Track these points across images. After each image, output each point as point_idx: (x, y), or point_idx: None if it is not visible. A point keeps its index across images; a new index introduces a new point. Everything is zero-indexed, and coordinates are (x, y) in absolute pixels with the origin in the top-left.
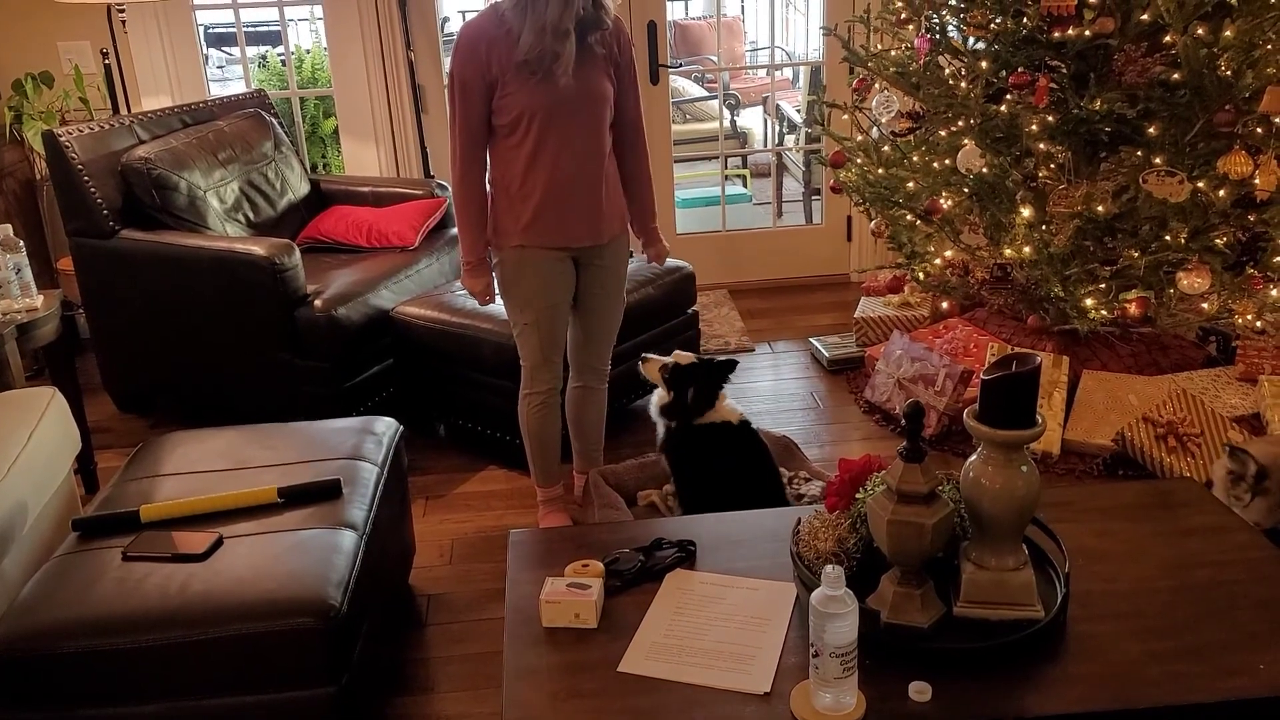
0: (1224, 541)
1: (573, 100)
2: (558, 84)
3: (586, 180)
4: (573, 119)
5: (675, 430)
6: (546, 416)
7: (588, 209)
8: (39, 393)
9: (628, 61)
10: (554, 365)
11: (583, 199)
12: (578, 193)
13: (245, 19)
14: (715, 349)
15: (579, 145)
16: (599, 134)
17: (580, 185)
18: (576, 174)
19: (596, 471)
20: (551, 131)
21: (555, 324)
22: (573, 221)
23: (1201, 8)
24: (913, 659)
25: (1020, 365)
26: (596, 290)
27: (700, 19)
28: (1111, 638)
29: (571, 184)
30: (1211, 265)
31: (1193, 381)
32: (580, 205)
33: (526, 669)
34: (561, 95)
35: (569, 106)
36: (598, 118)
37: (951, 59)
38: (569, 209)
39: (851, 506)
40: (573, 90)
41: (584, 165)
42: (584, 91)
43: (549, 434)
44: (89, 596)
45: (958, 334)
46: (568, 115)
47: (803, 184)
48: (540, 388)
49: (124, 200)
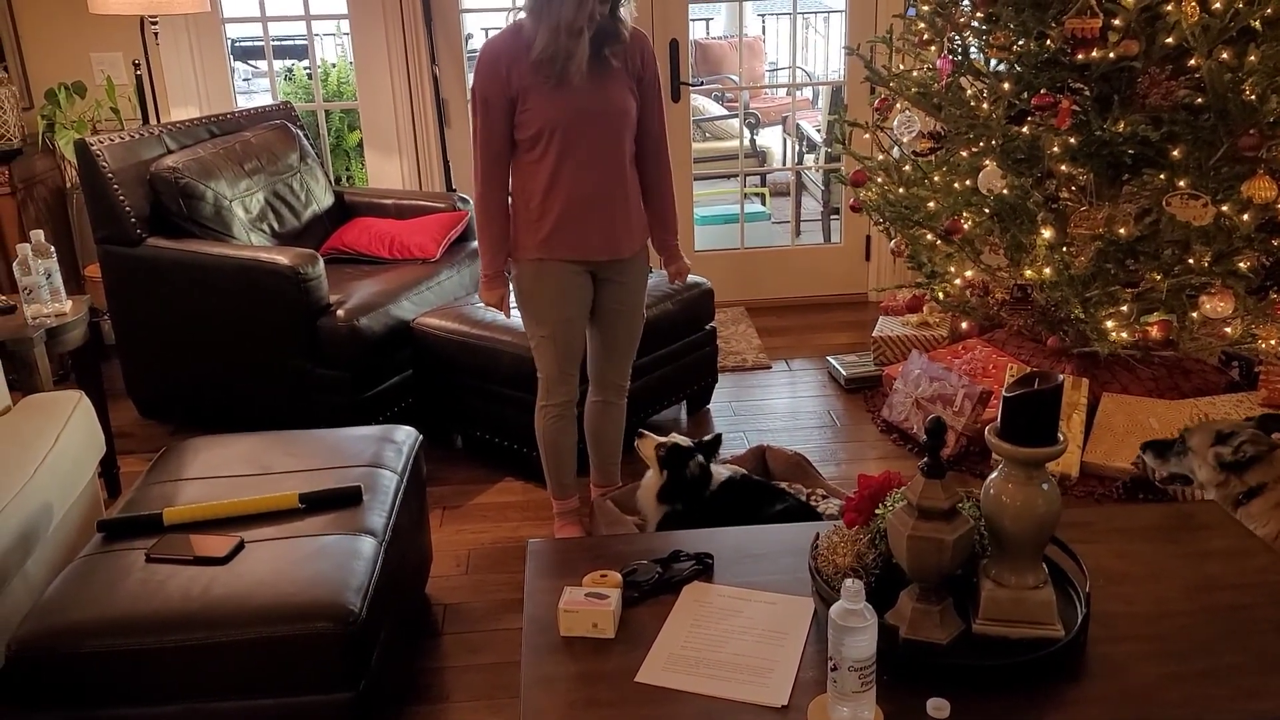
0: (1245, 565)
1: (592, 115)
2: (576, 96)
3: (606, 195)
4: (592, 133)
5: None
6: (562, 429)
7: (606, 224)
8: (66, 396)
9: (651, 76)
10: (569, 378)
11: (602, 214)
12: (597, 207)
13: (273, 33)
14: (732, 365)
15: (599, 160)
16: (619, 148)
17: (599, 200)
18: (596, 189)
19: (604, 498)
20: (571, 146)
21: (571, 337)
22: (591, 236)
23: (1226, 32)
24: (931, 675)
25: (1042, 383)
26: (615, 305)
27: (722, 39)
28: (1131, 659)
29: (591, 199)
30: (1235, 289)
31: (1215, 406)
32: (599, 220)
33: (544, 677)
34: (581, 109)
35: (588, 121)
36: (618, 132)
37: (974, 80)
38: (588, 223)
39: (871, 522)
40: (592, 104)
41: (603, 180)
42: (603, 106)
43: (564, 446)
44: (112, 597)
45: (977, 354)
46: (587, 130)
47: (821, 203)
48: (556, 400)
49: (152, 209)
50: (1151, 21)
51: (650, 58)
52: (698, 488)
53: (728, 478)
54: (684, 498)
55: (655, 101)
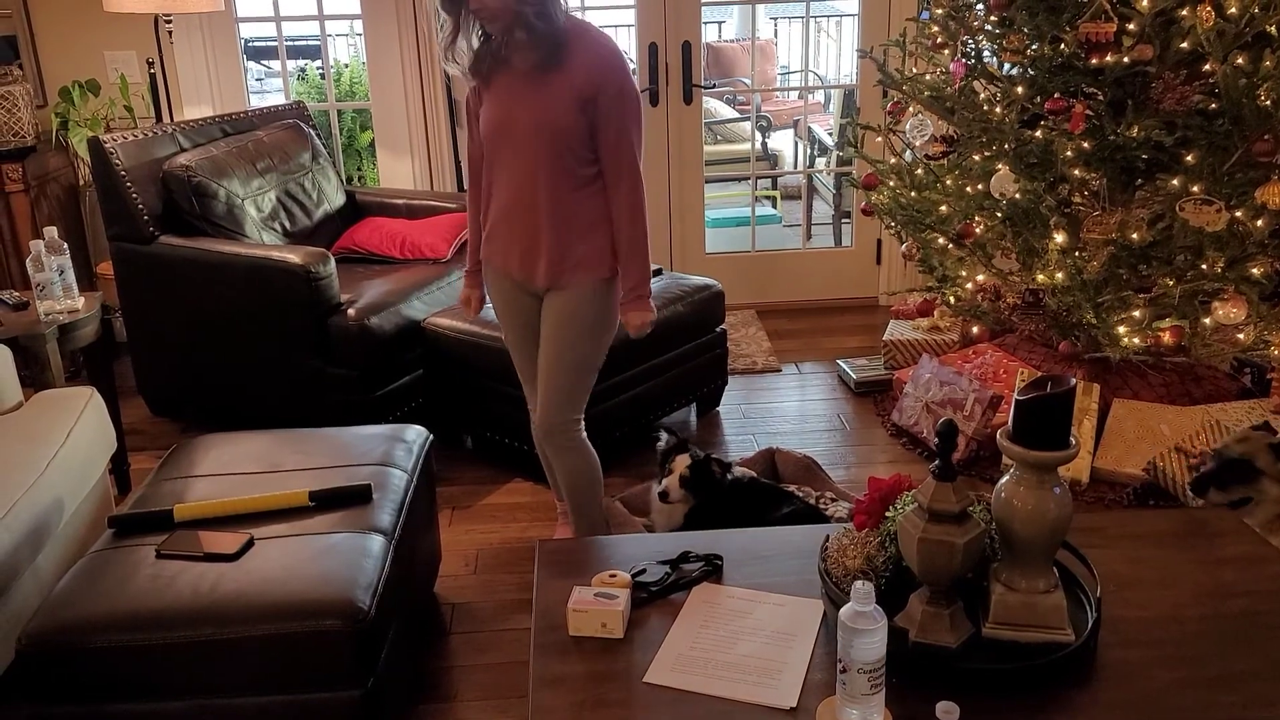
0: (1258, 571)
1: (508, 126)
2: (500, 105)
3: (517, 215)
4: (508, 147)
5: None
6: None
7: (521, 246)
8: (78, 392)
9: (610, 99)
10: (534, 396)
11: (518, 233)
12: (514, 225)
13: (286, 32)
14: (742, 368)
15: (513, 176)
16: (538, 167)
17: (511, 219)
18: (509, 206)
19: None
20: (495, 156)
21: (517, 354)
22: (510, 254)
23: (1241, 37)
24: (940, 679)
25: (1055, 387)
26: (542, 332)
27: (734, 41)
28: (1142, 665)
29: (508, 215)
30: (1248, 295)
31: (1226, 413)
32: (515, 239)
33: (553, 677)
34: (499, 120)
35: (504, 132)
36: (535, 150)
37: (987, 84)
38: (509, 240)
39: (881, 525)
40: (513, 115)
41: (516, 199)
42: (525, 118)
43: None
44: (122, 593)
45: (987, 359)
46: (504, 141)
47: (832, 206)
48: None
49: (164, 207)
50: (1166, 26)
51: (610, 78)
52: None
53: (735, 479)
54: (707, 487)
55: (614, 128)
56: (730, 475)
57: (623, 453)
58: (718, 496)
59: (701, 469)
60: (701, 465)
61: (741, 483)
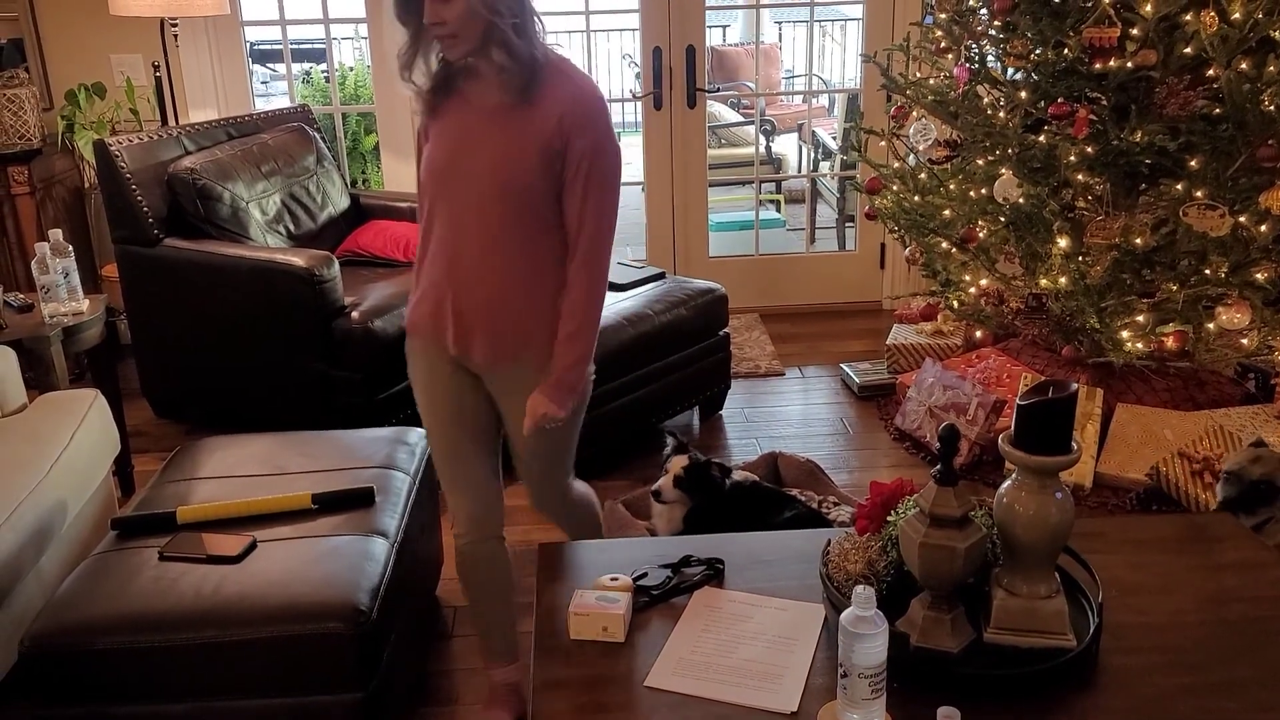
0: (1260, 577)
1: (467, 176)
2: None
3: (454, 278)
4: (463, 199)
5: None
6: (469, 564)
7: (456, 315)
8: (82, 394)
9: (582, 155)
10: (460, 503)
11: (453, 300)
12: (451, 290)
13: (292, 36)
14: (745, 372)
15: (456, 232)
16: (500, 228)
17: (449, 282)
18: (447, 266)
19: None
20: (440, 205)
21: (441, 440)
22: (443, 322)
23: (1245, 42)
24: (941, 684)
25: (1057, 391)
26: (507, 423)
27: (738, 45)
28: (1144, 670)
29: (443, 277)
30: (1252, 301)
31: (1230, 418)
32: (450, 306)
33: (553, 681)
34: (453, 165)
35: (461, 182)
36: (500, 207)
37: (990, 89)
38: (442, 306)
39: (882, 529)
40: (471, 164)
41: (456, 258)
42: (486, 170)
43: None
44: (125, 595)
45: (991, 363)
46: (457, 192)
47: (836, 210)
48: (457, 529)
49: (169, 209)
50: (1170, 31)
51: (587, 128)
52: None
53: (736, 483)
54: (708, 486)
55: (583, 187)
56: (730, 479)
57: (625, 456)
58: (715, 498)
59: (696, 470)
60: (697, 466)
61: (743, 486)
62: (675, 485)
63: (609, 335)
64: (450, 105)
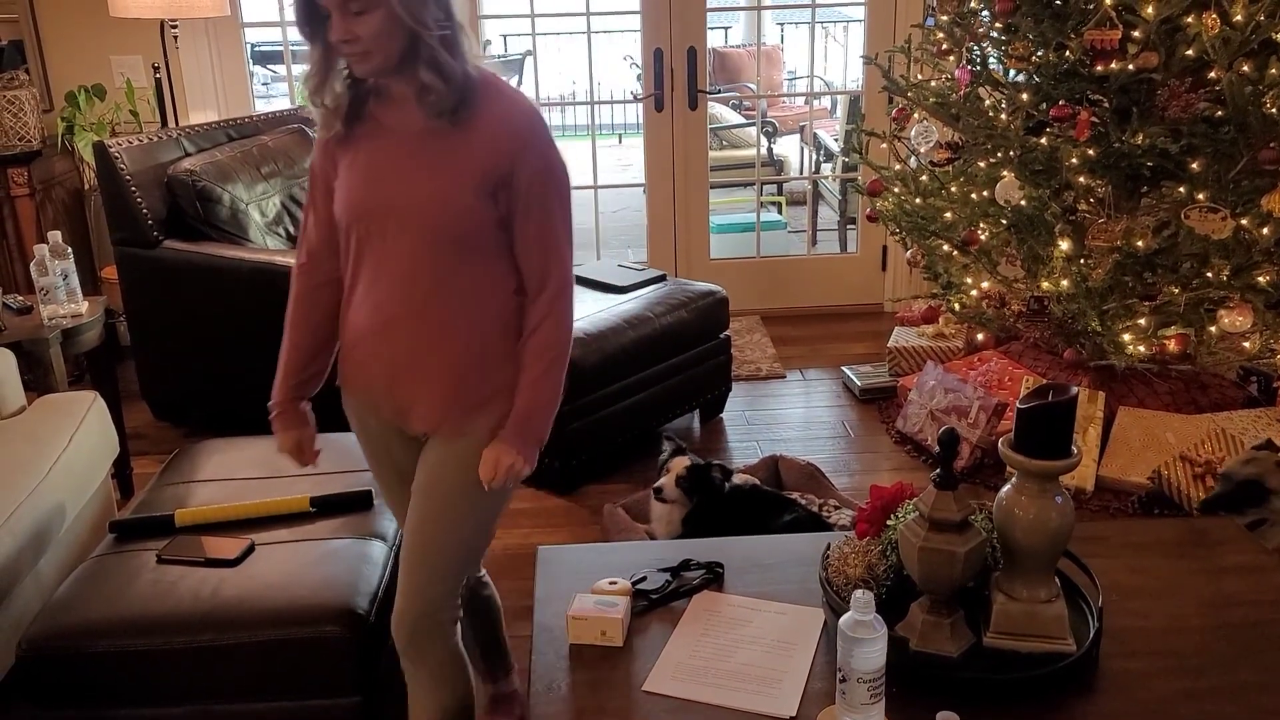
0: (1261, 581)
1: (396, 213)
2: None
3: (401, 335)
4: (391, 243)
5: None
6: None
7: (393, 375)
8: (81, 396)
9: (531, 181)
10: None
11: (390, 357)
12: (386, 346)
13: (292, 38)
14: (746, 374)
15: (386, 278)
16: (439, 272)
17: (390, 338)
18: (376, 319)
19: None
20: (367, 249)
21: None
22: (375, 383)
23: (1247, 45)
24: (941, 688)
25: (1056, 395)
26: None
27: (740, 47)
28: (1144, 675)
29: (382, 331)
30: (1254, 303)
31: (1232, 421)
32: (385, 365)
33: (552, 685)
34: (378, 201)
35: (389, 221)
36: (435, 247)
37: (992, 91)
38: (374, 364)
39: (882, 533)
40: (400, 199)
41: (387, 309)
42: (417, 205)
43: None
44: (123, 598)
45: (992, 366)
46: (385, 233)
47: (838, 212)
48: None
49: (169, 211)
50: (1171, 33)
51: (530, 151)
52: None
53: (736, 486)
54: (707, 485)
55: (538, 218)
56: (731, 482)
57: (625, 459)
58: (715, 501)
59: (698, 471)
60: (699, 468)
61: (743, 490)
62: (677, 485)
63: (609, 338)
64: (362, 132)
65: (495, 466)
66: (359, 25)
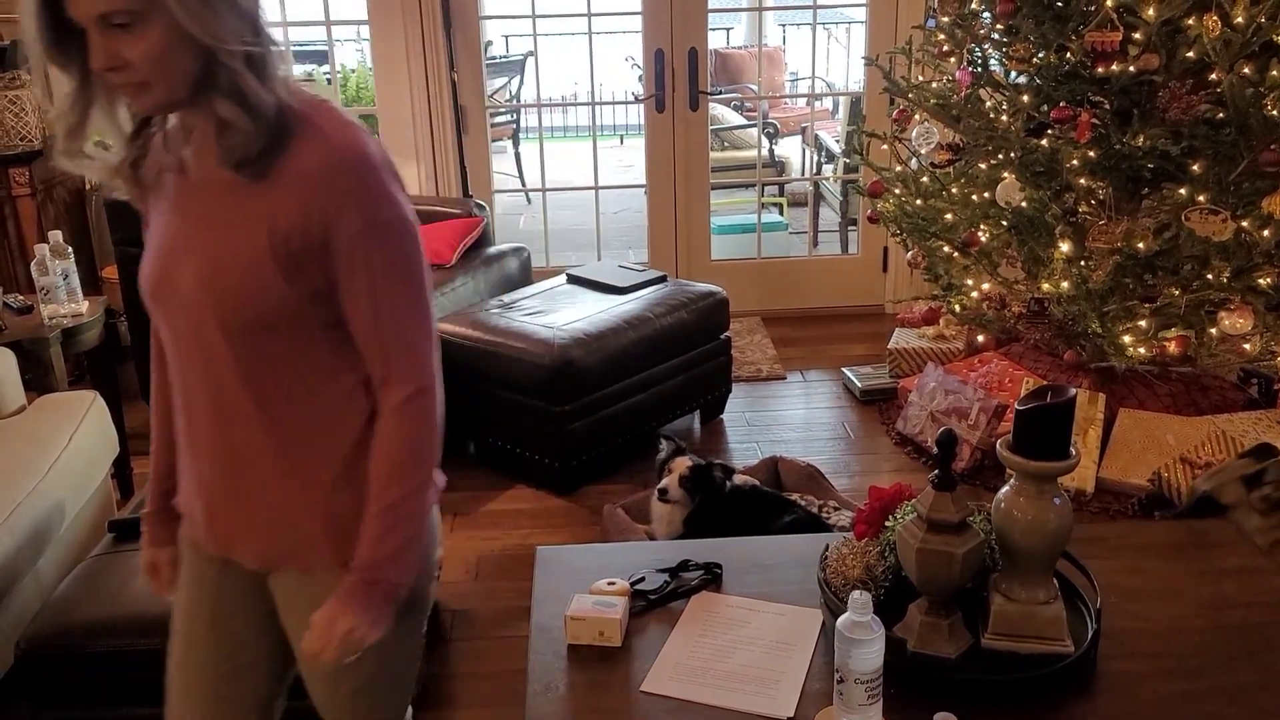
0: (1260, 583)
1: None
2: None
3: (202, 450)
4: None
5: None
6: None
7: (206, 501)
8: (80, 396)
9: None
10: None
11: (194, 475)
12: (190, 461)
13: (293, 38)
14: (747, 375)
15: (194, 382)
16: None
17: (191, 452)
18: (188, 428)
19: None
20: (167, 341)
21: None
22: (192, 507)
23: (1248, 46)
24: (939, 689)
25: (1055, 396)
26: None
27: (742, 48)
28: (1143, 676)
29: (184, 444)
30: (1254, 306)
31: (1233, 424)
32: (194, 484)
33: (550, 685)
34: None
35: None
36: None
37: (993, 92)
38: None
39: (881, 534)
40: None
41: (196, 420)
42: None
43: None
44: (121, 597)
45: (993, 368)
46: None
47: (839, 214)
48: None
49: None
50: (1172, 35)
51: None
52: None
53: (736, 487)
54: (709, 485)
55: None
56: (732, 482)
57: (625, 460)
58: (717, 502)
59: (702, 471)
60: (702, 468)
61: (743, 491)
62: (680, 485)
63: (610, 338)
64: (172, 183)
65: (328, 633)
66: (127, 46)
